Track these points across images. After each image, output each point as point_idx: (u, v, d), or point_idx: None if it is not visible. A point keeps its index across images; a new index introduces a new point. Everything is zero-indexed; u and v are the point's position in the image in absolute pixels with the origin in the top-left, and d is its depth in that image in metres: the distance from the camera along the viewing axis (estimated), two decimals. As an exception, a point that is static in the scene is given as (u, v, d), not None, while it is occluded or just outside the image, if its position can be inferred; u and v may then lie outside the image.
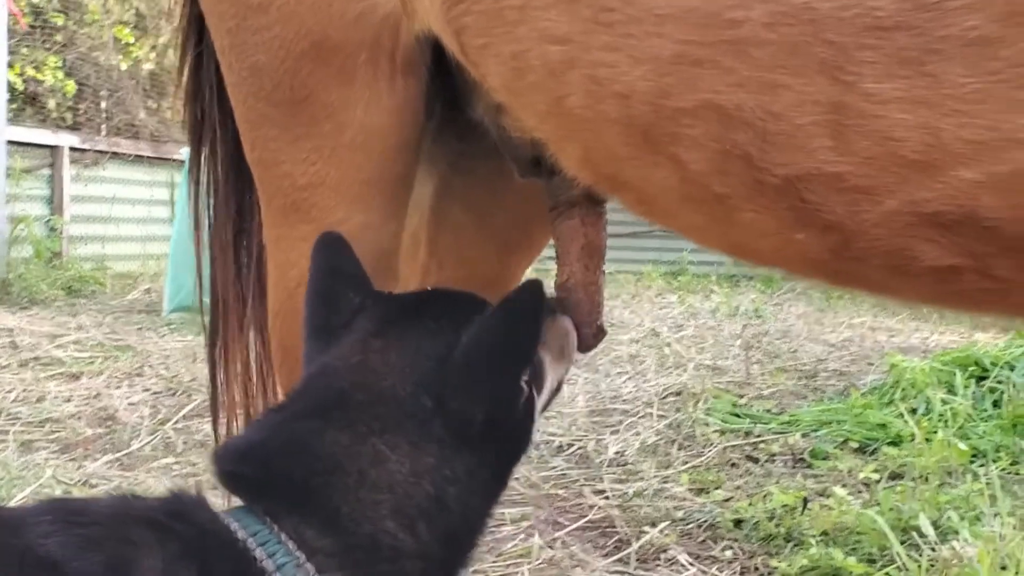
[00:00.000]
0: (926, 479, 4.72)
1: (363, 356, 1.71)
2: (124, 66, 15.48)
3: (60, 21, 13.92)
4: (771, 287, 15.32)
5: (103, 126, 15.11)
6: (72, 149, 12.77)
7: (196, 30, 2.54)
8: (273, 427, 1.67)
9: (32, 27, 13.63)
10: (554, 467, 5.31)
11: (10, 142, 11.13)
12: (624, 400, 6.81)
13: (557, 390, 1.98)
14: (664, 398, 6.78)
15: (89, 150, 13.22)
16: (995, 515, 3.96)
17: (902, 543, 3.89)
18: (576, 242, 2.22)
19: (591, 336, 2.22)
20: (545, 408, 1.92)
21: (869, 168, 1.50)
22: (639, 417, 6.30)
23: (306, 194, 2.12)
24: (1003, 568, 3.51)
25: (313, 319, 1.82)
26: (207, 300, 2.75)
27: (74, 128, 13.99)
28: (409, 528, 1.58)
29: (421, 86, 2.11)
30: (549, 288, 1.93)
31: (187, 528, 1.48)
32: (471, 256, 2.61)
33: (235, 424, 2.75)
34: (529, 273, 2.65)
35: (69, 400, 6.06)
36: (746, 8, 1.52)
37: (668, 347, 8.99)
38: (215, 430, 2.79)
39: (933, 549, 3.78)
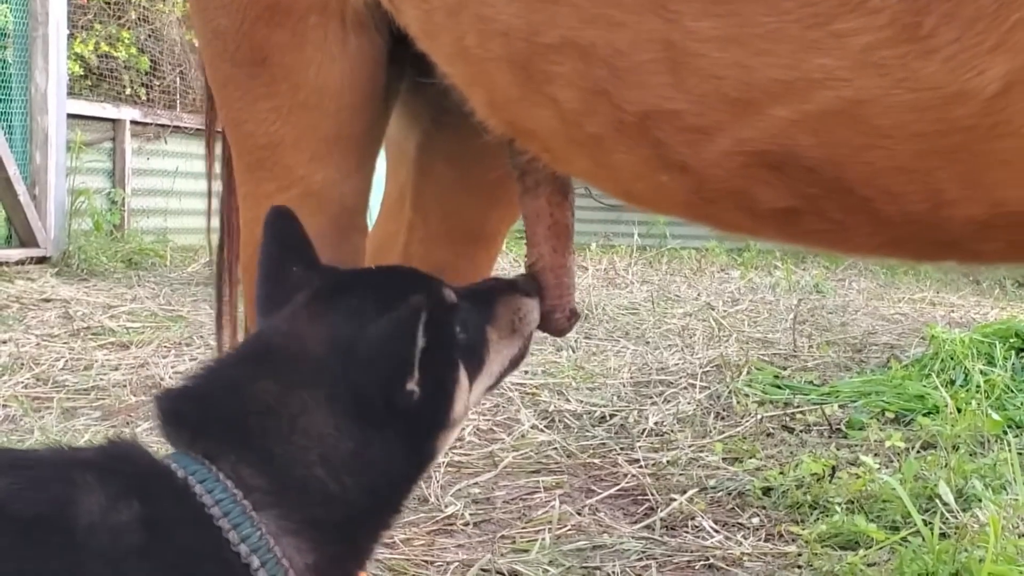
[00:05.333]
0: (956, 448, 4.69)
1: (292, 324, 1.78)
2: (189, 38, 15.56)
3: (132, -2, 14.02)
4: (836, 263, 15.15)
5: (176, 101, 15.17)
6: (133, 123, 12.88)
7: None
8: (209, 373, 1.76)
9: (106, 3, 13.76)
10: (593, 437, 5.33)
11: (71, 115, 11.20)
12: (668, 372, 6.80)
13: (516, 362, 2.01)
14: (707, 370, 6.76)
15: (151, 124, 13.31)
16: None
17: (926, 511, 3.88)
18: (542, 223, 2.22)
19: (563, 320, 2.23)
20: (497, 382, 1.98)
21: (701, 106, 1.56)
22: (681, 388, 6.30)
23: (267, 152, 2.18)
24: (1021, 536, 3.49)
25: (258, 296, 1.90)
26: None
27: (148, 104, 14.08)
28: (336, 478, 1.65)
29: (375, 48, 2.16)
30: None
31: (127, 469, 1.56)
32: (454, 210, 2.64)
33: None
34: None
35: (116, 369, 6.11)
36: None
37: (724, 320, 8.96)
38: None
39: (955, 516, 3.77)
